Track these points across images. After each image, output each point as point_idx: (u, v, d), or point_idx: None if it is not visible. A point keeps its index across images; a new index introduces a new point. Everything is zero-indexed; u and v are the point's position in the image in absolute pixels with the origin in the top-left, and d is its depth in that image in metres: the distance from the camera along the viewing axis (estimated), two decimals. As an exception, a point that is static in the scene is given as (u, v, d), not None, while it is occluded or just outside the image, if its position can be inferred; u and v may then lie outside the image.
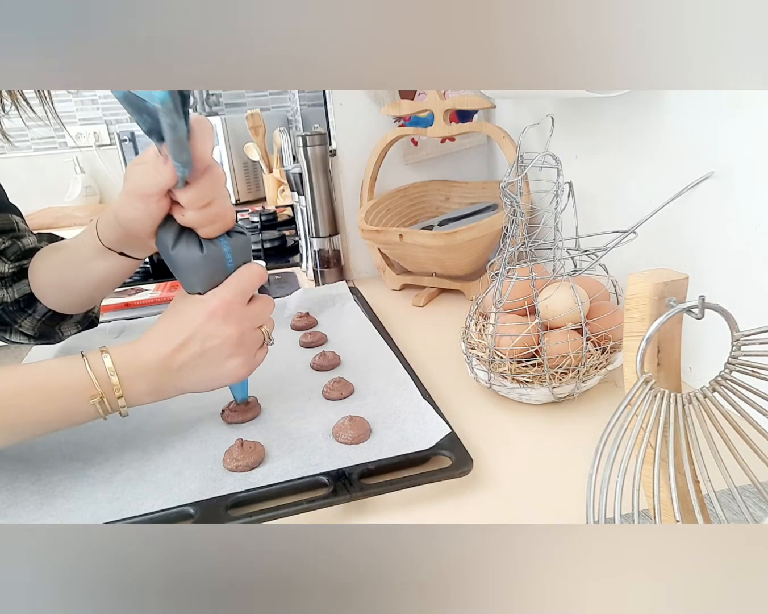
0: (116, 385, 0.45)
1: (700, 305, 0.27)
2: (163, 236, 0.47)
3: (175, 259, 0.46)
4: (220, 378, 0.48)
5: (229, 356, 0.47)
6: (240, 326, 0.47)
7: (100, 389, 0.44)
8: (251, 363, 0.49)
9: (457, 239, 0.76)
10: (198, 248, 0.46)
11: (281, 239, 1.29)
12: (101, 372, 0.44)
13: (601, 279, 0.59)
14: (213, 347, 0.46)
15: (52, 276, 0.58)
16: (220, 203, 0.45)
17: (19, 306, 0.59)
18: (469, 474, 0.44)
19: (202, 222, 0.45)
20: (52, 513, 0.43)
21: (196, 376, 0.47)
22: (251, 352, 0.49)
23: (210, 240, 0.46)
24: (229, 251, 0.47)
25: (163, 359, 0.46)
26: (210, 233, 0.46)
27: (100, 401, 0.44)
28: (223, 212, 0.46)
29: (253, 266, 0.48)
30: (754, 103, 0.47)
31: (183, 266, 0.47)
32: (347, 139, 0.93)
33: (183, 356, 0.46)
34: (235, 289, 0.47)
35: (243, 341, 0.47)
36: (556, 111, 0.76)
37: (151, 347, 0.46)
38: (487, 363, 0.54)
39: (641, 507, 0.28)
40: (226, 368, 0.48)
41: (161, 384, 0.47)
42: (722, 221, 0.51)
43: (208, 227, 0.46)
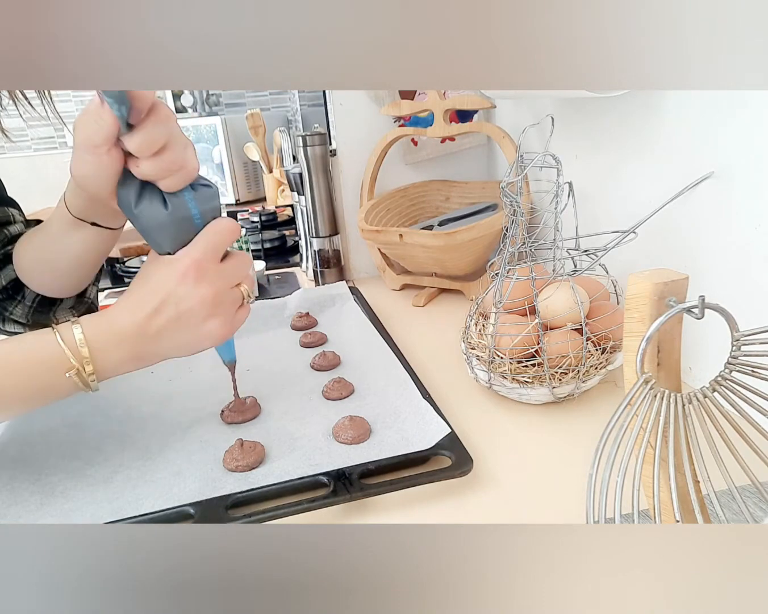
0: (86, 357, 0.43)
1: (700, 305, 0.27)
2: (124, 194, 0.44)
3: (139, 218, 0.44)
4: (200, 341, 0.46)
5: (206, 317, 0.45)
6: (214, 285, 0.45)
7: (75, 361, 0.42)
8: (231, 323, 0.47)
9: (457, 239, 0.76)
10: (162, 204, 0.44)
11: (281, 239, 1.29)
12: (73, 344, 0.43)
13: (601, 279, 0.59)
14: (188, 310, 0.44)
15: (32, 257, 0.57)
16: (174, 148, 0.42)
17: (8, 293, 0.59)
18: (469, 474, 0.44)
19: (159, 172, 0.42)
20: (52, 513, 0.43)
21: (175, 340, 0.45)
22: (230, 311, 0.47)
23: (174, 195, 0.44)
24: (195, 206, 0.44)
25: (138, 326, 0.44)
26: (171, 185, 0.43)
27: (77, 374, 0.43)
28: (179, 159, 0.43)
29: (222, 221, 0.46)
30: (754, 103, 0.47)
31: (148, 225, 0.44)
32: (347, 139, 0.93)
33: (158, 321, 0.44)
34: (204, 246, 0.44)
35: (219, 300, 0.45)
36: (556, 111, 0.76)
37: (125, 315, 0.44)
38: (487, 363, 0.54)
39: (641, 507, 0.28)
40: (205, 329, 0.45)
41: (139, 352, 0.45)
42: (722, 221, 0.51)
43: (168, 178, 0.43)
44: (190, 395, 0.60)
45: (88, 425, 0.55)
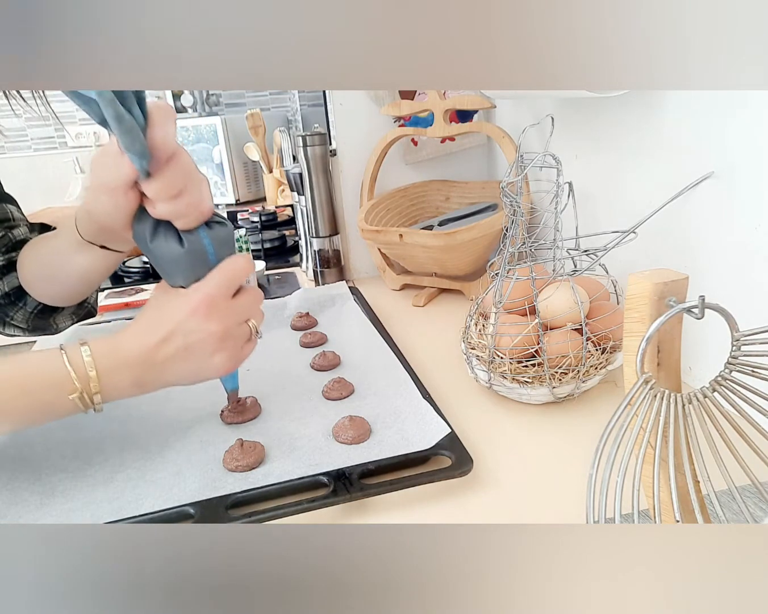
0: (94, 380, 0.43)
1: (700, 305, 0.27)
2: (140, 229, 0.45)
3: (153, 253, 0.45)
4: (204, 373, 0.47)
5: (213, 352, 0.45)
6: (224, 321, 0.45)
7: (79, 384, 0.42)
8: (237, 358, 0.47)
9: (457, 239, 0.76)
10: (177, 241, 0.44)
11: (281, 239, 1.29)
12: (80, 366, 0.43)
13: (601, 279, 0.59)
14: (196, 342, 0.44)
15: (38, 270, 0.57)
16: (191, 192, 0.43)
17: (10, 299, 0.59)
18: (469, 474, 0.44)
19: (174, 214, 0.43)
20: (52, 513, 0.43)
21: (180, 370, 0.46)
22: (237, 346, 0.47)
23: (189, 232, 0.44)
24: (209, 244, 0.45)
25: (146, 353, 0.44)
26: (186, 224, 0.44)
27: (80, 397, 0.43)
28: (196, 202, 0.43)
29: (237, 259, 0.46)
30: (754, 103, 0.47)
31: (163, 260, 0.45)
32: (347, 139, 0.93)
33: (166, 350, 0.44)
34: (217, 283, 0.45)
35: (228, 336, 0.45)
36: (556, 111, 0.76)
37: (133, 340, 0.45)
38: (487, 363, 0.54)
39: (641, 507, 0.28)
40: (211, 363, 0.46)
41: (144, 378, 0.45)
42: (722, 221, 0.51)
43: (183, 218, 0.44)
44: (190, 395, 0.59)
45: (88, 425, 0.55)
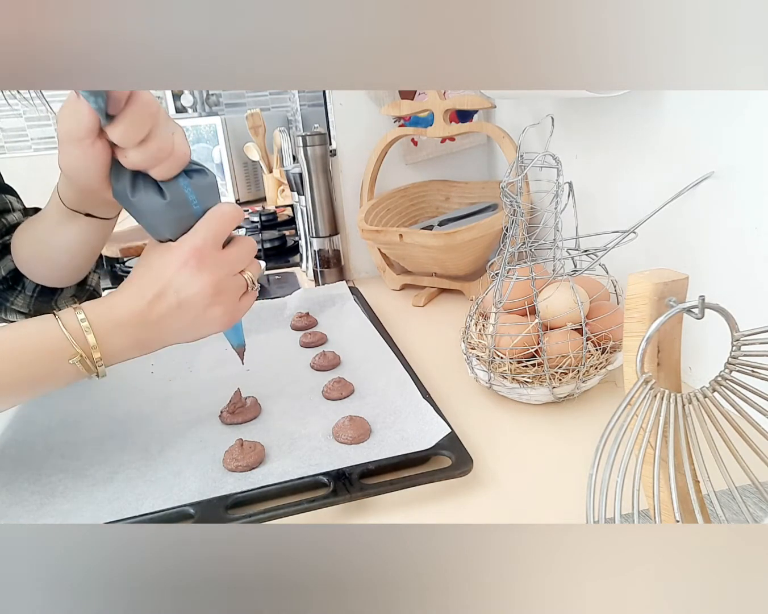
0: (93, 344, 0.42)
1: (700, 305, 0.27)
2: (119, 186, 0.43)
3: (136, 207, 0.44)
4: (202, 328, 0.46)
5: (208, 306, 0.44)
6: (216, 273, 0.44)
7: (78, 348, 0.42)
8: (234, 311, 0.46)
9: (457, 239, 0.76)
10: (158, 193, 0.43)
11: (281, 239, 1.29)
12: (77, 331, 0.42)
13: (601, 279, 0.59)
14: (189, 297, 0.43)
15: (29, 249, 0.56)
16: (160, 135, 0.41)
17: (8, 283, 0.58)
18: (469, 474, 0.44)
19: (147, 162, 0.41)
20: (52, 513, 0.43)
21: (176, 327, 0.45)
22: (233, 299, 0.46)
23: (169, 183, 0.43)
24: (191, 192, 0.44)
25: (140, 313, 0.43)
26: (162, 173, 0.42)
27: (80, 360, 0.42)
28: (166, 146, 0.41)
29: (223, 206, 0.45)
30: (754, 103, 0.47)
31: (146, 214, 0.44)
32: (347, 140, 0.93)
33: (159, 308, 0.43)
34: (205, 233, 0.44)
35: (221, 288, 0.44)
36: (556, 111, 0.76)
37: (125, 301, 0.44)
38: (487, 363, 0.54)
39: (641, 507, 0.28)
40: (207, 317, 0.45)
41: (141, 338, 0.45)
42: (722, 221, 0.51)
43: (158, 166, 0.42)
44: (190, 395, 0.60)
45: (88, 425, 0.55)
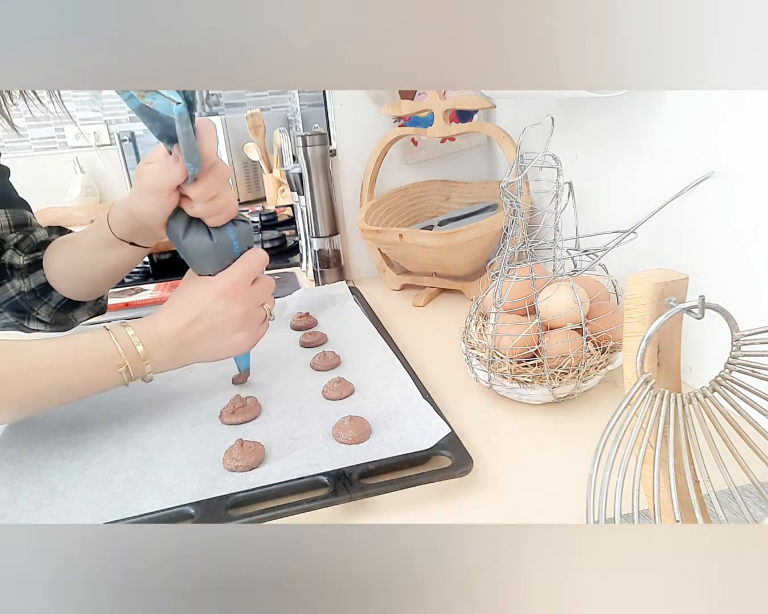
0: (142, 354, 0.50)
1: (700, 305, 0.27)
2: (174, 226, 0.52)
3: (187, 247, 0.52)
4: (228, 350, 0.54)
5: (235, 331, 0.53)
6: (246, 304, 0.53)
7: (125, 358, 0.49)
8: (255, 336, 0.56)
9: (457, 239, 0.76)
10: (207, 236, 0.52)
11: (281, 239, 1.29)
12: (126, 343, 0.49)
13: (601, 279, 0.59)
14: (221, 323, 0.52)
15: (66, 266, 0.63)
16: (225, 195, 0.51)
17: (36, 295, 0.64)
18: (469, 474, 0.44)
19: (209, 213, 0.51)
20: (52, 513, 0.43)
21: (207, 347, 0.53)
22: (255, 327, 0.55)
23: (217, 228, 0.52)
24: (235, 238, 0.53)
25: (178, 333, 0.51)
26: (217, 222, 0.52)
27: (126, 370, 0.49)
28: (228, 203, 0.52)
29: (257, 251, 0.55)
30: (754, 103, 0.47)
31: (194, 253, 0.52)
32: (347, 139, 0.93)
33: (195, 330, 0.52)
34: (242, 272, 0.53)
35: (248, 317, 0.53)
36: (556, 111, 0.76)
37: (167, 322, 0.52)
38: (487, 363, 0.54)
39: (641, 507, 0.28)
40: (233, 341, 0.54)
41: (177, 355, 0.52)
42: (722, 221, 0.51)
43: (215, 217, 0.52)
44: (190, 395, 0.60)
45: (88, 425, 0.55)
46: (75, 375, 0.48)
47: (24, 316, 0.65)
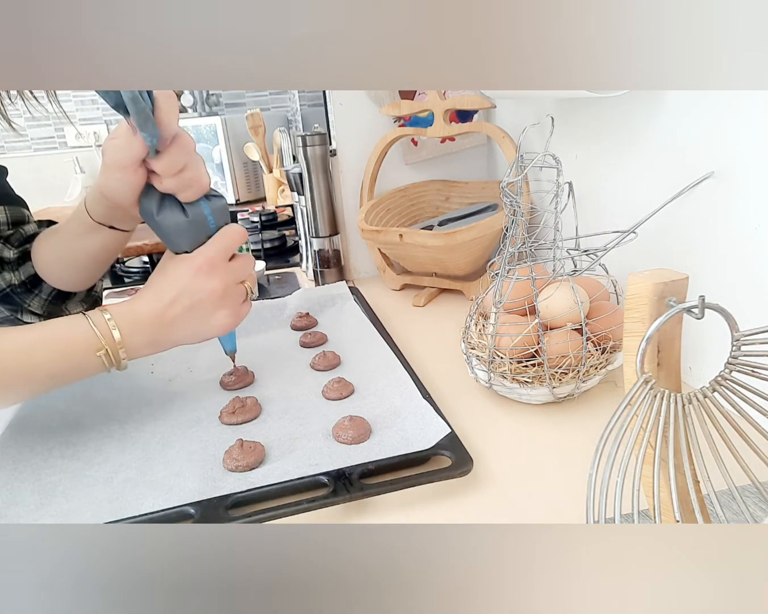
0: (119, 339, 0.49)
1: (700, 305, 0.27)
2: (147, 204, 0.51)
3: (160, 224, 0.51)
4: (209, 329, 0.53)
5: (215, 308, 0.51)
6: (223, 280, 0.51)
7: (105, 342, 0.48)
8: (236, 315, 0.53)
9: (457, 239, 0.76)
10: (181, 212, 0.50)
11: (281, 239, 1.29)
12: (104, 328, 0.48)
13: (601, 279, 0.59)
14: (200, 301, 0.51)
15: (52, 256, 0.62)
16: (193, 167, 0.49)
17: (26, 287, 0.64)
18: (469, 474, 0.44)
19: (179, 188, 0.49)
20: (52, 513, 0.43)
21: (187, 328, 0.51)
22: (236, 304, 0.53)
23: (191, 204, 0.50)
24: (210, 213, 0.51)
25: (157, 314, 0.50)
26: (189, 196, 0.50)
27: (105, 354, 0.48)
28: (197, 176, 0.50)
29: (233, 226, 0.53)
30: (754, 103, 0.47)
31: (168, 230, 0.51)
32: (347, 139, 0.93)
33: (174, 310, 0.50)
34: (217, 246, 0.51)
35: (227, 293, 0.52)
36: (556, 111, 0.76)
37: (145, 304, 0.50)
38: (487, 363, 0.54)
39: (641, 507, 0.28)
40: (214, 319, 0.52)
41: (157, 337, 0.51)
42: (722, 221, 0.51)
43: (186, 191, 0.50)
44: (190, 395, 0.60)
45: (88, 425, 0.55)
46: (53, 360, 0.48)
47: (17, 309, 0.65)
